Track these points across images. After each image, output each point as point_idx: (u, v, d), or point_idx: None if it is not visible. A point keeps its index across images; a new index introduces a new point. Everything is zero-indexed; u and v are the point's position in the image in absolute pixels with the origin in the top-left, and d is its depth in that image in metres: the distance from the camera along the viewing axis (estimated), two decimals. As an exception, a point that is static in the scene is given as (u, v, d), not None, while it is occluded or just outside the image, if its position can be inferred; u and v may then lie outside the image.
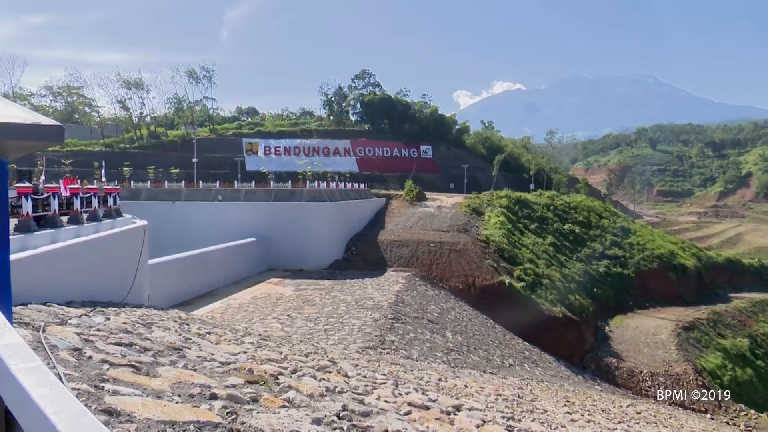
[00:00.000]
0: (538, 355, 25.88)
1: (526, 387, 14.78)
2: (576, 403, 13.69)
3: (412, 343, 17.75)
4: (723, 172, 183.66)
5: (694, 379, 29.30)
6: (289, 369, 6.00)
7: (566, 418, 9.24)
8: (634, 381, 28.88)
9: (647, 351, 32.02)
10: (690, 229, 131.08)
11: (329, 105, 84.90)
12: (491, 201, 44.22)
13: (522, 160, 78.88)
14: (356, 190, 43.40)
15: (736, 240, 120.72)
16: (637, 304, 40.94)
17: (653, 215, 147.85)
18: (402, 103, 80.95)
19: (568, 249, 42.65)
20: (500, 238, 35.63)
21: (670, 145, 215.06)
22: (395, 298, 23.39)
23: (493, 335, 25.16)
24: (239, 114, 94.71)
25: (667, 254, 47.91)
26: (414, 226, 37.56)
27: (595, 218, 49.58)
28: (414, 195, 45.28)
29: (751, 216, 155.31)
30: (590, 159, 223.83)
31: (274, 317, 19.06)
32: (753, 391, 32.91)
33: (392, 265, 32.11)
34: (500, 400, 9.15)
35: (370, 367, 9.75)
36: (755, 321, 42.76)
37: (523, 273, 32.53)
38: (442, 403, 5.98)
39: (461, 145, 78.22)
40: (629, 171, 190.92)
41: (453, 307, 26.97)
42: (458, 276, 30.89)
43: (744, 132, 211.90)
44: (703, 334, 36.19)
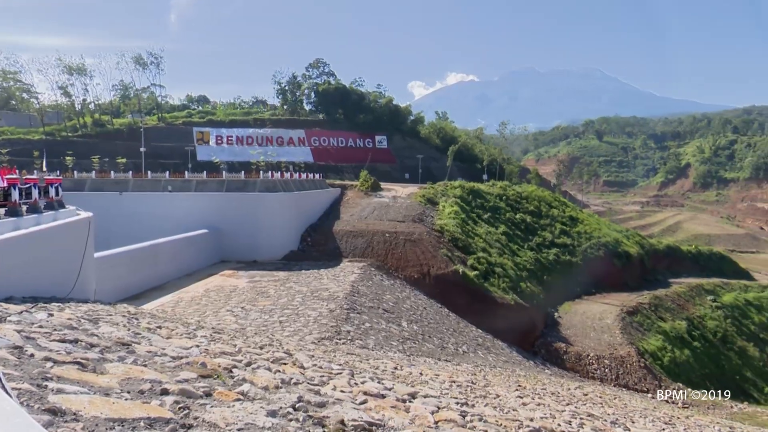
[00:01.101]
0: (491, 342, 26.49)
1: (480, 373, 15.12)
2: (527, 387, 14.11)
3: (367, 332, 17.83)
4: (664, 163, 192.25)
5: (636, 361, 30.70)
6: (244, 362, 5.92)
7: (518, 401, 9.51)
8: (582, 364, 30.00)
9: (594, 335, 33.30)
10: (634, 217, 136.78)
11: (283, 94, 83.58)
12: (445, 191, 44.76)
13: (475, 150, 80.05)
14: (311, 180, 43.04)
15: (675, 228, 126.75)
16: (584, 291, 42.45)
17: (600, 205, 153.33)
18: (357, 92, 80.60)
19: (519, 238, 43.70)
20: (454, 228, 36.14)
21: (616, 137, 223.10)
22: (351, 288, 23.41)
23: (447, 323, 25.56)
24: (189, 102, 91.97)
25: (612, 242, 49.80)
26: (369, 216, 37.60)
27: (545, 208, 50.96)
28: (369, 185, 45.31)
29: (689, 205, 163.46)
30: (541, 150, 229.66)
31: (228, 310, 18.75)
32: (690, 370, 34.80)
33: (348, 256, 32.08)
34: (454, 386, 9.32)
35: (326, 357, 9.74)
36: (692, 305, 45.11)
37: (476, 262, 33.14)
38: (397, 391, 6.05)
39: (416, 135, 78.66)
40: (577, 162, 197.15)
41: (408, 296, 27.22)
42: (413, 265, 31.18)
43: (683, 125, 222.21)
44: (645, 318, 37.91)
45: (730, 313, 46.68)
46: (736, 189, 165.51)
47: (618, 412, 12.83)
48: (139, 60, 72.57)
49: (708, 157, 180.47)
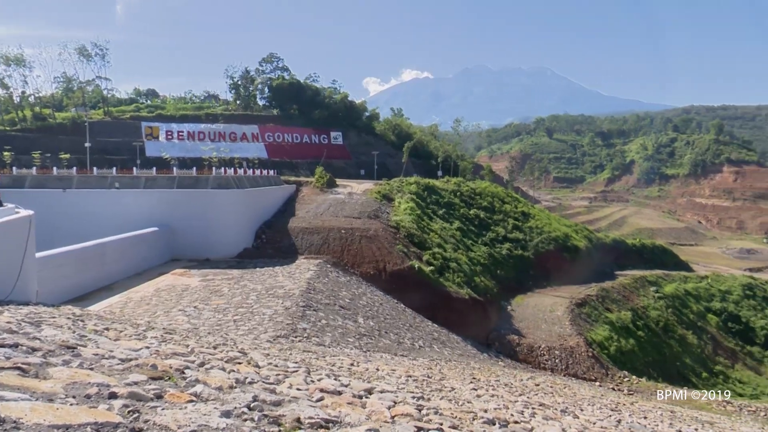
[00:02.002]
0: (447, 336, 26.86)
1: (435, 367, 15.31)
2: (481, 379, 14.39)
3: (324, 329, 17.76)
4: (610, 159, 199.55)
5: (585, 351, 31.79)
6: (197, 362, 5.80)
7: (472, 393, 9.69)
8: (534, 355, 30.82)
9: (545, 327, 34.26)
10: (582, 212, 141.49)
11: (236, 89, 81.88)
12: (401, 187, 45.01)
13: (430, 147, 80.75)
14: (265, 176, 42.42)
15: (621, 222, 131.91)
16: (536, 284, 43.61)
17: (550, 200, 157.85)
18: (311, 88, 79.88)
19: (473, 233, 44.44)
20: (410, 224, 36.41)
21: (565, 134, 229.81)
22: (307, 285, 23.25)
23: (403, 319, 25.75)
24: (137, 96, 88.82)
25: (562, 236, 51.34)
26: (325, 213, 37.41)
27: (498, 204, 51.99)
28: (325, 182, 45.06)
29: (633, 200, 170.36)
30: (494, 147, 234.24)
31: (180, 309, 18.29)
32: (635, 358, 36.31)
33: (303, 253, 31.83)
34: (411, 381, 9.41)
35: (281, 355, 9.65)
36: (636, 296, 47.06)
37: (431, 257, 33.51)
38: (354, 388, 6.06)
39: (371, 131, 78.66)
40: (529, 159, 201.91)
41: (365, 292, 27.26)
42: (369, 262, 31.24)
43: (628, 123, 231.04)
44: (593, 309, 39.28)
45: (671, 303, 48.96)
46: (676, 185, 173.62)
47: (568, 401, 13.26)
48: (83, 51, 69.52)
49: (651, 155, 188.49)
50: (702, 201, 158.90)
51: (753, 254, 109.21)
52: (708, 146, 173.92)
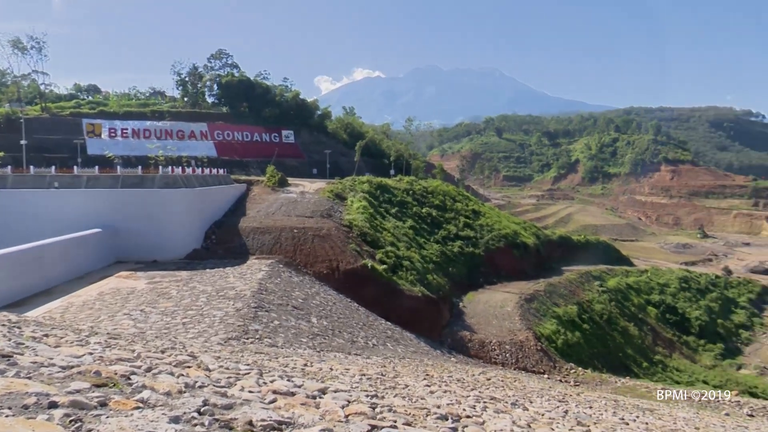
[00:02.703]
0: (400, 334, 27.04)
1: (389, 365, 15.40)
2: (434, 375, 14.57)
3: (276, 330, 17.54)
4: (557, 159, 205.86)
5: (534, 345, 32.70)
6: (143, 367, 5.62)
7: (426, 390, 9.80)
8: (485, 351, 31.46)
9: (495, 323, 35.02)
10: (530, 210, 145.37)
11: (183, 85, 79.59)
12: (353, 186, 44.97)
13: (382, 146, 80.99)
14: (215, 175, 41.48)
15: (567, 219, 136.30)
16: (486, 281, 44.52)
17: (500, 198, 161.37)
18: (262, 86, 78.61)
19: (426, 231, 44.92)
20: (363, 223, 36.44)
21: (514, 134, 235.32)
22: (258, 286, 22.89)
23: (357, 317, 25.75)
24: (77, 92, 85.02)
25: (511, 234, 52.58)
26: (277, 212, 36.93)
27: (449, 202, 52.74)
28: (276, 181, 44.47)
29: (578, 198, 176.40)
30: (445, 146, 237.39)
31: (125, 313, 17.65)
32: (580, 350, 37.65)
33: (255, 253, 31.31)
34: (364, 379, 9.43)
35: (233, 358, 9.47)
36: (582, 290, 48.79)
37: (384, 256, 33.64)
38: (307, 388, 6.02)
39: (323, 130, 78.19)
40: (479, 158, 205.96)
41: (318, 292, 27.09)
42: (322, 261, 31.06)
43: (573, 123, 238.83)
44: (541, 304, 40.46)
45: (614, 296, 51.06)
46: (618, 183, 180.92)
47: (518, 394, 13.61)
48: (18, 44, 65.89)
49: (594, 154, 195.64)
50: (642, 198, 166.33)
51: (688, 248, 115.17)
52: (647, 146, 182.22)
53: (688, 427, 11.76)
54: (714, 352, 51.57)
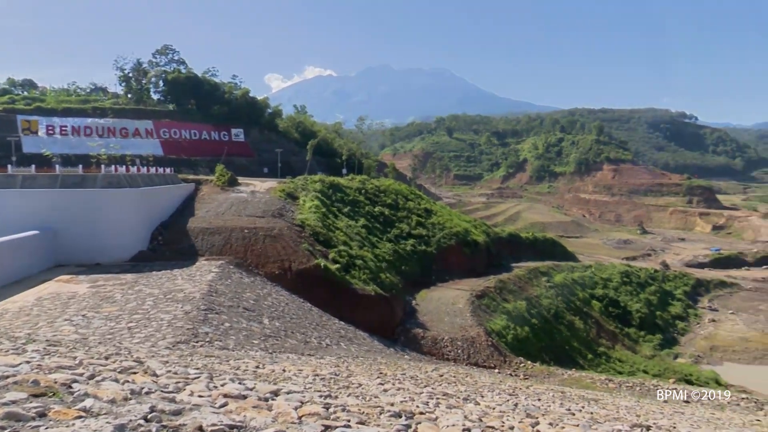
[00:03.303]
0: (353, 333, 27.02)
1: (343, 364, 15.37)
2: (388, 373, 14.64)
3: (227, 333, 17.19)
4: (505, 158, 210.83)
5: (485, 340, 33.36)
6: (86, 375, 5.40)
7: (379, 388, 9.84)
8: (438, 347, 31.86)
9: (447, 319, 35.53)
10: (480, 208, 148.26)
11: (126, 81, 76.66)
12: (305, 185, 44.60)
13: (334, 145, 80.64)
14: (161, 175, 40.22)
15: (516, 217, 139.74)
16: (439, 278, 45.08)
17: (451, 197, 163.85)
18: (210, 83, 76.67)
19: (378, 230, 45.06)
20: (315, 222, 36.20)
21: (464, 133, 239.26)
22: (208, 288, 22.37)
23: (310, 318, 25.57)
24: (11, 86, 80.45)
25: (462, 232, 53.44)
26: (227, 212, 36.18)
27: (402, 201, 53.10)
28: (226, 180, 43.55)
29: (526, 196, 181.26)
30: (397, 145, 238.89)
31: (66, 319, 16.86)
32: (529, 345, 38.69)
33: (204, 254, 30.56)
34: (318, 380, 9.37)
35: (181, 362, 9.22)
36: (530, 286, 50.14)
37: (337, 255, 33.53)
38: (259, 390, 5.93)
39: (274, 128, 77.07)
40: (430, 157, 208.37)
41: (270, 293, 26.72)
42: (274, 261, 30.66)
43: (521, 123, 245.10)
44: (491, 300, 41.33)
45: (560, 291, 52.72)
46: (563, 181, 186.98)
47: (469, 389, 13.86)
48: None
49: (541, 153, 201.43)
50: (586, 196, 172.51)
51: (629, 244, 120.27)
52: (590, 146, 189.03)
53: (629, 414, 12.28)
54: (653, 342, 54.08)
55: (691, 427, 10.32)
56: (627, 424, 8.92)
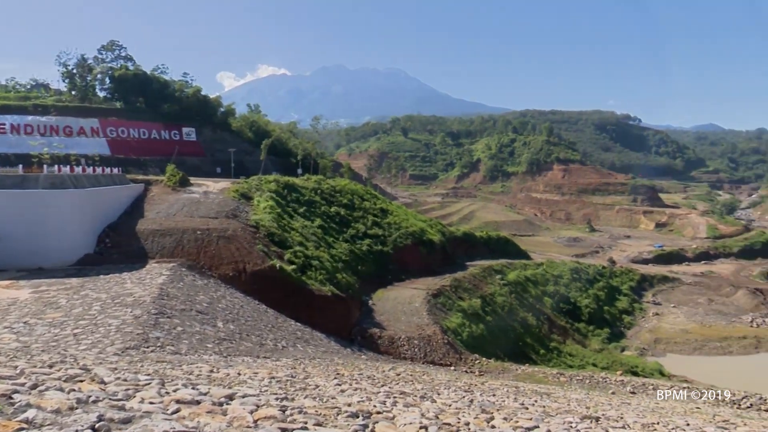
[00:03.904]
0: (310, 334, 26.84)
1: (299, 366, 15.24)
2: (345, 374, 14.62)
3: (180, 337, 16.77)
4: (460, 158, 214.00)
5: (441, 338, 33.77)
6: (28, 385, 5.16)
7: (337, 389, 9.82)
8: (395, 346, 32.03)
9: (404, 318, 35.76)
10: (436, 208, 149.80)
11: (70, 78, 73.46)
12: (260, 186, 43.96)
13: (289, 144, 79.76)
14: (108, 175, 38.79)
15: (470, 216, 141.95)
16: (395, 278, 45.32)
17: (407, 197, 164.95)
18: (160, 80, 74.36)
19: (334, 230, 44.89)
20: (270, 223, 35.73)
21: (419, 134, 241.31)
22: (159, 291, 21.74)
23: (265, 320, 25.23)
24: (-58, 82, 75.95)
25: (418, 231, 53.89)
26: (178, 213, 35.25)
27: (358, 201, 53.06)
28: (177, 180, 42.42)
29: (480, 196, 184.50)
30: (352, 145, 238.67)
31: (6, 327, 16.05)
32: (484, 342, 39.40)
33: (155, 256, 29.68)
34: (274, 382, 9.27)
35: (131, 369, 8.94)
36: (485, 284, 51.04)
37: (293, 256, 33.21)
38: (213, 395, 5.82)
39: (227, 128, 75.50)
40: (386, 157, 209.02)
41: (224, 295, 26.22)
42: (228, 263, 30.09)
43: (474, 124, 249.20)
44: (447, 298, 41.85)
45: (514, 288, 53.89)
46: (516, 181, 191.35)
47: (426, 387, 14.00)
48: None
49: (494, 153, 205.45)
50: (537, 196, 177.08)
51: (578, 242, 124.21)
52: (541, 147, 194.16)
53: (580, 407, 12.70)
54: (601, 336, 56.03)
55: (637, 417, 10.75)
56: (578, 416, 9.23)
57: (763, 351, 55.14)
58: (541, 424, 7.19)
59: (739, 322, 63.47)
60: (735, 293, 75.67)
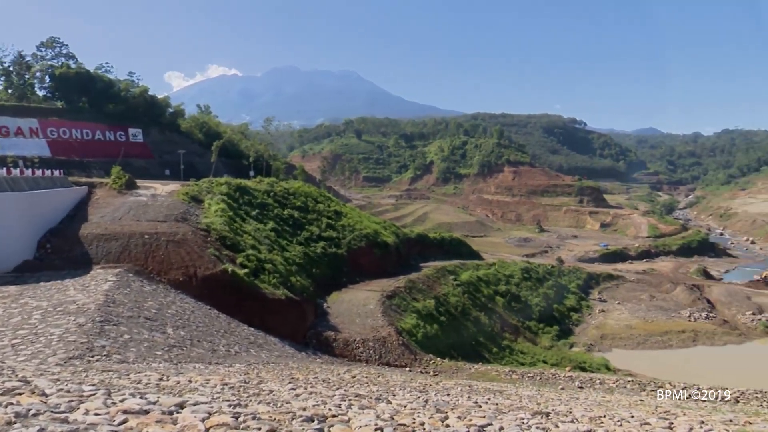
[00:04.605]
0: (264, 339, 26.47)
1: (253, 371, 15.00)
2: (300, 378, 14.49)
3: (127, 345, 16.20)
4: (413, 160, 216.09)
5: (396, 340, 33.94)
6: (-39, 400, 4.88)
7: (291, 393, 9.71)
8: (350, 349, 31.98)
9: (359, 321, 35.75)
10: (390, 210, 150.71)
11: (6, 76, 69.75)
12: (211, 188, 43.01)
13: (241, 146, 78.41)
14: (49, 177, 37.04)
15: (424, 218, 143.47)
16: (350, 280, 45.25)
17: (361, 199, 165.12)
18: (104, 79, 71.61)
19: (288, 233, 44.41)
20: (221, 226, 35.01)
21: (373, 136, 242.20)
22: (105, 298, 20.94)
23: (217, 325, 24.71)
24: None
25: (372, 233, 54.00)
26: (125, 217, 34.05)
27: (311, 203, 52.70)
28: (123, 183, 40.94)
29: (434, 197, 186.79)
30: (306, 147, 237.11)
31: (-65, 339, 15.10)
32: (438, 342, 39.85)
33: (99, 262, 28.56)
34: (227, 389, 9.09)
35: (75, 379, 8.57)
36: (439, 284, 51.64)
37: (246, 259, 32.65)
38: (163, 404, 5.66)
39: (176, 129, 73.50)
40: (340, 159, 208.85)
41: (173, 301, 25.50)
42: (178, 268, 29.29)
43: (427, 127, 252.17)
44: (402, 300, 42.10)
45: (467, 289, 54.76)
46: (468, 183, 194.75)
47: (381, 389, 14.05)
48: None
49: (447, 156, 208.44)
50: (488, 197, 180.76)
51: (528, 242, 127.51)
52: (492, 149, 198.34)
53: (531, 403, 13.03)
54: (551, 334, 57.65)
55: (585, 411, 11.13)
56: (529, 412, 9.47)
57: (700, 344, 58.11)
58: (494, 421, 7.34)
59: (678, 316, 66.63)
60: (674, 290, 79.43)
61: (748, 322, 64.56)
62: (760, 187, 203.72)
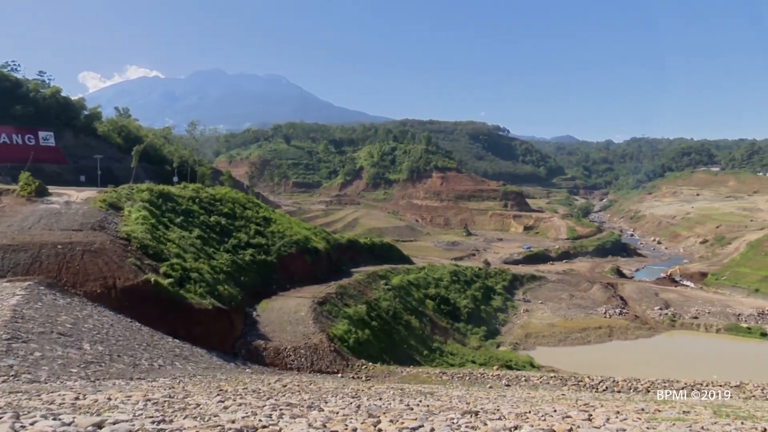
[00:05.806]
0: (190, 350, 25.50)
1: (178, 385, 14.43)
2: (228, 390, 14.09)
3: (38, 363, 15.11)
4: (343, 166, 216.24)
5: (328, 346, 33.73)
6: None
7: (219, 406, 9.44)
8: (281, 357, 31.44)
9: (290, 328, 35.23)
10: (320, 215, 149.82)
11: None
12: (131, 195, 41.02)
13: (164, 151, 75.40)
14: (-56, 184, 34.00)
15: (354, 223, 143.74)
16: (280, 287, 44.52)
17: (290, 204, 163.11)
18: (11, 79, 66.76)
19: (215, 241, 43.12)
20: (143, 234, 33.45)
21: (302, 141, 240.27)
22: (12, 313, 19.41)
23: (139, 338, 23.54)
24: None
25: (302, 239, 53.47)
26: (35, 226, 31.79)
27: (239, 209, 51.47)
28: (33, 189, 38.26)
29: (364, 203, 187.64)
30: (233, 152, 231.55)
31: None
32: (370, 347, 39.97)
33: (6, 275, 26.45)
34: (150, 404, 8.69)
35: (-22, 403, 7.90)
36: (370, 289, 51.86)
37: (170, 269, 31.35)
38: (79, 425, 5.35)
39: (92, 133, 69.62)
40: (268, 164, 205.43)
41: (90, 314, 24.04)
42: (95, 279, 27.66)
43: (356, 132, 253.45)
44: (333, 306, 41.90)
45: (398, 293, 55.33)
46: (398, 188, 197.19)
47: (313, 396, 13.92)
48: None
49: (376, 161, 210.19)
50: (418, 202, 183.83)
51: (456, 245, 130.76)
52: (420, 155, 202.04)
53: (461, 403, 13.35)
54: (479, 334, 59.33)
55: (512, 408, 11.54)
56: (459, 412, 9.71)
57: (615, 339, 61.88)
58: (426, 423, 7.48)
59: (595, 314, 70.63)
60: (591, 288, 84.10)
61: (657, 317, 69.51)
62: (664, 191, 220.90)
